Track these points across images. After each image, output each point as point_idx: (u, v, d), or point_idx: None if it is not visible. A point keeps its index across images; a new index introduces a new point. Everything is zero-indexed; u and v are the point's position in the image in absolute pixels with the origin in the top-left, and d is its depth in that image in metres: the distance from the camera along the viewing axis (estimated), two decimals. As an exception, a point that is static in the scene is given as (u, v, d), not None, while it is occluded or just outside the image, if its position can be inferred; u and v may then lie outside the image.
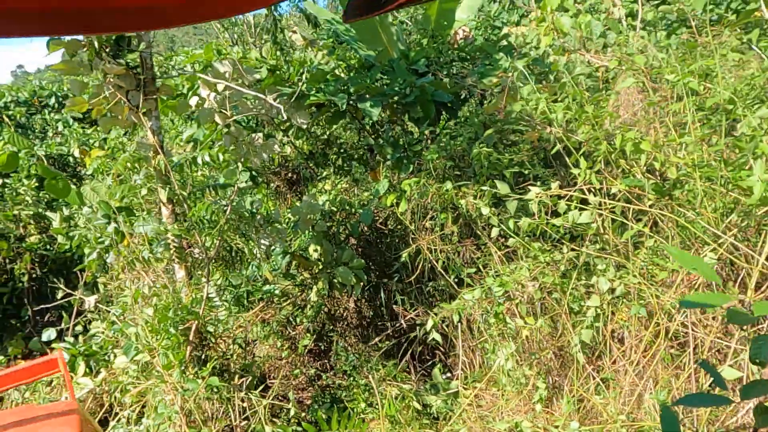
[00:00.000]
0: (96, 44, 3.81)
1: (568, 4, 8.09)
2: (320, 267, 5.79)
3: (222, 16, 0.99)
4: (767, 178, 2.45)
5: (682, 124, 3.23)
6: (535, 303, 4.26)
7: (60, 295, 6.78)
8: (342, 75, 6.10)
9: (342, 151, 6.42)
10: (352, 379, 5.60)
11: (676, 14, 5.38)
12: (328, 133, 6.10)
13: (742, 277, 2.84)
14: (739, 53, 3.86)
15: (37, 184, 8.48)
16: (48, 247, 8.09)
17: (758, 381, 1.60)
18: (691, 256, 1.53)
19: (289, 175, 7.21)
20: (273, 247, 5.54)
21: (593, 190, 3.39)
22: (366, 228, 6.06)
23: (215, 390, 4.32)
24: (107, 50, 3.86)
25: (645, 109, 4.24)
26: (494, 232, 4.28)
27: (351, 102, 5.01)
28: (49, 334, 5.97)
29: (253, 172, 5.96)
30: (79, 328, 6.63)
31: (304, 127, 5.23)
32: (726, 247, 2.88)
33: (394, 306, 5.75)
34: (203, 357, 4.56)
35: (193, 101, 4.67)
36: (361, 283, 5.63)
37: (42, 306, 7.42)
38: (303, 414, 5.13)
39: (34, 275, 8.00)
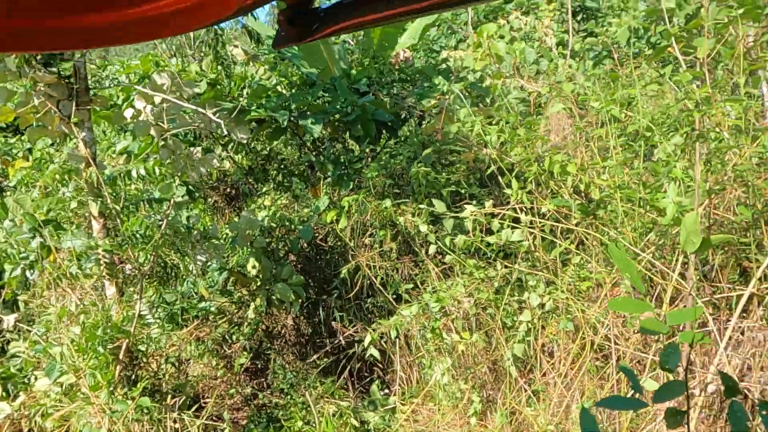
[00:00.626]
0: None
1: (504, 32, 8.45)
2: (258, 283, 5.72)
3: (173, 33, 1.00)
4: (679, 201, 2.66)
5: (606, 149, 3.45)
6: (471, 318, 4.39)
7: (-25, 314, 6.35)
8: (284, 91, 6.11)
9: (282, 167, 6.41)
10: (289, 397, 5.53)
11: (601, 46, 5.75)
12: (268, 148, 6.08)
13: (659, 292, 3.05)
14: (658, 84, 4.17)
15: (-49, 196, 7.92)
16: (-37, 262, 7.55)
17: (669, 383, 1.74)
18: (628, 259, 1.65)
19: (228, 190, 7.11)
20: (209, 263, 5.43)
21: (525, 209, 3.56)
22: (306, 244, 6.05)
23: (146, 411, 4.17)
24: (38, 58, 3.72)
25: (574, 133, 4.50)
26: (431, 249, 4.39)
27: (292, 119, 5.03)
28: (-39, 355, 5.57)
29: (190, 187, 5.84)
30: (-5, 349, 6.22)
31: (244, 142, 5.20)
32: (644, 264, 3.09)
33: (332, 323, 5.75)
34: (133, 377, 4.40)
35: (129, 113, 4.55)
36: (300, 300, 5.60)
37: (-46, 326, 6.91)
38: (238, 434, 5.02)
39: (-54, 293, 7.45)
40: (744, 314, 3.34)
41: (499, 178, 4.01)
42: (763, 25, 2.85)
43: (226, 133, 4.26)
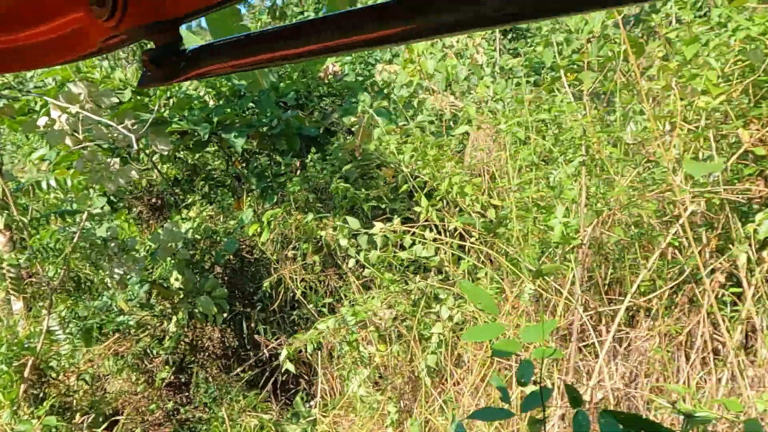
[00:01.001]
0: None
1: (435, 49, 8.69)
2: (181, 296, 5.65)
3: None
4: (566, 221, 2.86)
5: (517, 169, 3.65)
6: (389, 330, 4.50)
7: None
8: (211, 102, 6.07)
9: (210, 178, 6.36)
10: (212, 411, 5.48)
11: (520, 67, 6.02)
12: (192, 160, 6.03)
13: (552, 307, 3.26)
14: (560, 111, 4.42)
15: None
16: None
17: (532, 394, 1.89)
18: (478, 289, 1.78)
19: (154, 200, 6.97)
20: (129, 276, 5.31)
21: (436, 226, 3.71)
22: (232, 257, 6.01)
23: (53, 430, 4.04)
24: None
25: (494, 152, 4.71)
26: (351, 262, 4.48)
27: (216, 131, 5.02)
28: None
29: (111, 197, 5.71)
30: None
31: (165, 153, 5.14)
32: (540, 280, 3.28)
33: (256, 336, 5.74)
34: (41, 395, 4.26)
35: (42, 122, 4.43)
36: (224, 314, 5.57)
37: None
38: (155, 450, 4.93)
39: None
40: (633, 325, 3.60)
41: (416, 194, 4.14)
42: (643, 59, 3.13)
43: (136, 147, 4.21)
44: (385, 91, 6.39)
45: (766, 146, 2.65)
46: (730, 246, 3.07)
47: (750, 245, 2.98)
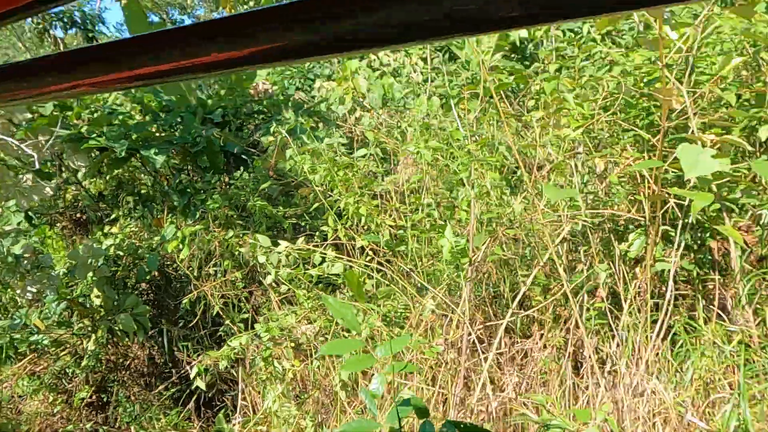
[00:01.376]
0: None
1: (374, 65, 8.87)
2: (101, 314, 5.56)
3: None
4: (454, 241, 3.04)
5: (416, 191, 3.83)
6: (308, 345, 4.59)
7: None
8: (137, 117, 6.02)
9: (135, 193, 6.30)
10: (131, 431, 5.41)
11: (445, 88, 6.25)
12: (112, 176, 5.97)
13: (448, 322, 3.43)
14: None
15: None
16: None
17: (396, 408, 2.01)
18: (342, 304, 1.91)
19: (78, 215, 6.84)
20: (45, 294, 5.21)
21: (344, 243, 3.83)
22: (157, 273, 5.97)
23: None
24: None
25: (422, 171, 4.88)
26: (268, 279, 4.55)
27: (136, 148, 5.01)
28: None
29: (30, 213, 5.59)
30: None
31: (83, 170, 5.09)
32: (438, 300, 3.45)
33: (177, 353, 5.71)
34: (-58, 419, 4.12)
35: (-52, 138, 4.33)
36: (148, 331, 5.52)
37: None
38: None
39: None
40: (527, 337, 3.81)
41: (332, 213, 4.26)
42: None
43: (37, 166, 4.18)
44: (323, 106, 6.51)
45: (631, 174, 2.91)
46: (610, 264, 3.32)
47: (624, 262, 3.23)
